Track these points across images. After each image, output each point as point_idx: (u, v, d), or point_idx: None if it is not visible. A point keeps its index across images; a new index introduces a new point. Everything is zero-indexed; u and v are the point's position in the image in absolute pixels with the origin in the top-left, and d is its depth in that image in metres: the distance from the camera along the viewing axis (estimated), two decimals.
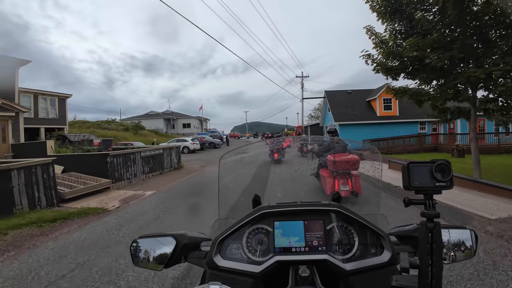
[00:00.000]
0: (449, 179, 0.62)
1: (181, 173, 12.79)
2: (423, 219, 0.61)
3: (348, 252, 0.88)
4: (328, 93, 25.78)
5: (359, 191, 2.51)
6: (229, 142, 37.29)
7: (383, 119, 23.12)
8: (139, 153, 11.25)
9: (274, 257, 0.85)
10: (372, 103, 24.19)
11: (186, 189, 9.04)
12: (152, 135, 38.60)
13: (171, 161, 13.87)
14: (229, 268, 0.85)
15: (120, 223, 5.28)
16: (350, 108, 23.93)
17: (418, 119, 23.68)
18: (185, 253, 0.92)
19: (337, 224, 0.92)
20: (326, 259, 0.82)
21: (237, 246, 0.92)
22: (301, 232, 0.90)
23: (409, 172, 0.64)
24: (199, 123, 55.90)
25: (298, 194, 1.86)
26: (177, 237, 0.90)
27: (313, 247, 0.88)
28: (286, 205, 0.95)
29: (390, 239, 0.89)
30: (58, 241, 4.43)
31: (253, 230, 0.93)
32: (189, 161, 17.86)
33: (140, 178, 10.93)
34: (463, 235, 0.86)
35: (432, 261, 0.58)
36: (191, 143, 25.33)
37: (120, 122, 42.03)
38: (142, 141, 29.82)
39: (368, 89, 26.21)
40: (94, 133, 29.90)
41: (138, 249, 0.90)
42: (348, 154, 2.61)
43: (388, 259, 0.84)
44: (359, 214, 0.93)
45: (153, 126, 45.30)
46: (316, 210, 0.94)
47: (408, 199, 0.65)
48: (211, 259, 0.87)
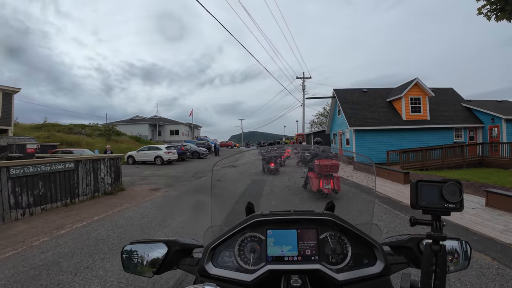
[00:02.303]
0: (459, 201, 0.60)
1: (105, 205, 7.38)
2: (424, 237, 0.63)
3: (341, 262, 0.87)
4: (339, 92, 20.64)
5: (339, 189, 2.65)
6: (219, 151, 31.89)
7: (410, 123, 17.95)
8: (7, 168, 5.89)
9: (266, 265, 0.84)
10: (396, 104, 19.06)
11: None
12: (132, 142, 33.37)
13: (96, 182, 8.50)
14: (221, 276, 0.84)
15: None
16: (367, 110, 18.78)
17: (453, 125, 18.57)
18: (177, 260, 0.91)
19: (330, 234, 0.91)
20: (318, 269, 0.82)
21: (229, 254, 0.90)
22: (294, 241, 0.89)
23: (417, 190, 0.62)
24: (189, 130, 50.65)
25: (291, 203, 1.85)
26: (169, 243, 0.89)
27: (305, 256, 0.87)
28: (279, 214, 0.94)
29: (383, 250, 0.87)
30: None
31: (245, 238, 0.92)
32: (146, 178, 12.48)
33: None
34: (457, 246, 0.85)
35: (434, 284, 0.57)
36: (165, 152, 19.97)
37: (97, 126, 36.77)
38: (114, 148, 24.59)
39: (387, 88, 21.13)
40: (53, 137, 25.07)
41: (129, 254, 0.88)
42: (331, 160, 2.67)
43: (381, 270, 0.83)
44: (352, 224, 0.91)
45: (138, 132, 40.16)
46: (309, 219, 0.92)
47: (414, 219, 0.64)
48: (203, 266, 0.86)
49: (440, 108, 19.44)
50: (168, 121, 48.71)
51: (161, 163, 19.84)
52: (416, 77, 18.47)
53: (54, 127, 31.96)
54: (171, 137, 45.14)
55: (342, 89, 20.97)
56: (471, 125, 18.86)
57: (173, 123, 48.30)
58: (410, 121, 18.04)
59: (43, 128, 30.20)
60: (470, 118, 19.18)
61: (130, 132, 39.04)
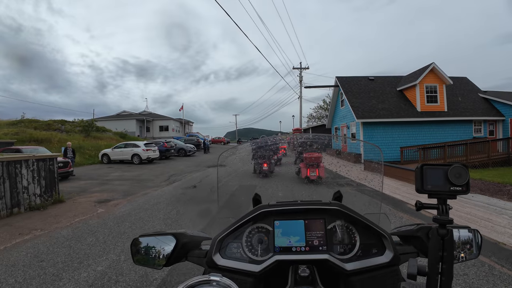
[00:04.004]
0: (465, 183, 0.59)
1: (7, 232, 4.82)
2: (435, 224, 0.59)
3: (349, 252, 0.86)
4: (342, 80, 18.11)
5: (323, 175, 2.91)
6: (209, 148, 29.27)
7: (425, 115, 15.54)
8: None
9: (274, 256, 0.83)
10: (408, 93, 16.61)
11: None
12: (115, 139, 30.60)
13: (14, 193, 5.90)
14: (229, 267, 0.83)
15: None
16: (375, 99, 16.31)
17: (472, 117, 16.24)
18: (185, 252, 0.90)
19: (338, 224, 0.90)
20: (326, 259, 0.81)
21: (237, 245, 0.90)
22: (302, 231, 0.88)
23: (422, 174, 0.61)
24: (180, 125, 47.84)
25: (298, 194, 1.90)
26: (178, 235, 0.88)
27: (313, 247, 0.86)
28: (286, 204, 0.92)
29: (392, 239, 0.86)
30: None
31: (253, 229, 0.91)
32: (107, 183, 9.91)
33: None
34: (468, 235, 0.83)
35: (442, 269, 0.56)
36: (144, 150, 17.33)
37: (79, 122, 33.88)
38: (91, 146, 21.88)
39: (396, 76, 18.69)
40: (23, 134, 22.47)
41: (139, 247, 0.88)
42: (316, 153, 2.92)
43: (390, 259, 0.81)
44: (360, 214, 0.90)
45: (124, 128, 37.39)
46: (316, 209, 0.91)
47: (420, 203, 0.63)
48: (211, 258, 0.85)
49: (455, 99, 17.09)
50: (157, 117, 45.88)
51: (139, 162, 17.22)
52: (433, 62, 16.03)
53: (32, 123, 29.63)
54: (161, 134, 42.34)
55: (346, 76, 18.41)
56: (491, 118, 16.54)
57: (162, 119, 45.47)
58: (425, 113, 15.62)
59: (19, 124, 27.92)
60: (489, 110, 16.86)
61: (115, 128, 36.26)
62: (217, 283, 0.58)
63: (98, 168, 15.17)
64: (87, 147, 21.28)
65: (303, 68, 30.27)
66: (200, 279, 0.58)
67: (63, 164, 11.30)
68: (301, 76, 30.01)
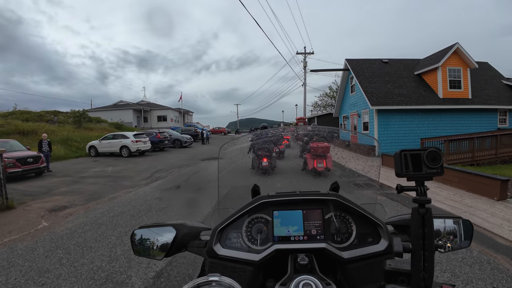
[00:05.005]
0: (439, 165, 0.62)
1: None
2: (415, 205, 0.63)
3: (346, 241, 0.88)
4: (352, 62, 16.16)
5: (331, 167, 2.58)
6: (208, 139, 27.68)
7: (448, 103, 13.74)
8: None
9: (274, 245, 0.84)
10: (428, 77, 14.74)
11: None
12: (109, 129, 29.07)
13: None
14: (229, 256, 0.84)
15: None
16: (391, 84, 14.48)
17: (497, 106, 14.43)
18: (185, 243, 0.91)
19: (335, 213, 0.91)
20: (324, 247, 0.82)
21: (237, 235, 0.91)
22: (300, 221, 0.89)
23: (401, 159, 0.64)
24: (179, 115, 46.17)
25: (296, 185, 1.86)
26: (177, 226, 0.90)
27: (311, 236, 0.87)
28: (285, 195, 0.94)
29: (387, 228, 0.88)
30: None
31: (252, 219, 0.92)
32: (80, 181, 8.44)
33: None
34: (459, 225, 0.87)
35: (424, 245, 0.60)
36: (133, 141, 15.79)
37: (72, 113, 32.34)
38: (80, 137, 20.39)
39: (413, 59, 16.76)
40: (8, 126, 21.07)
41: (139, 239, 0.89)
42: (324, 143, 2.63)
43: (385, 248, 0.84)
44: (357, 204, 0.92)
45: (120, 118, 35.85)
46: (314, 200, 0.93)
47: (400, 186, 0.66)
48: (211, 248, 0.86)
49: (478, 85, 15.22)
50: (155, 106, 44.21)
51: (128, 154, 15.71)
52: (456, 42, 14.12)
53: (23, 114, 28.47)
54: (159, 124, 40.79)
55: (357, 59, 16.50)
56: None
57: (160, 108, 43.79)
58: (448, 100, 13.80)
59: (10, 116, 26.73)
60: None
61: (111, 119, 34.74)
62: (217, 283, 0.58)
63: (81, 162, 13.69)
64: (75, 138, 19.79)
65: (307, 53, 28.27)
66: (199, 281, 0.58)
67: (33, 159, 9.79)
68: (305, 62, 28.03)
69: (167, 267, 3.05)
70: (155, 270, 3.01)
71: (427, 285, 0.59)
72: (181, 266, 3.07)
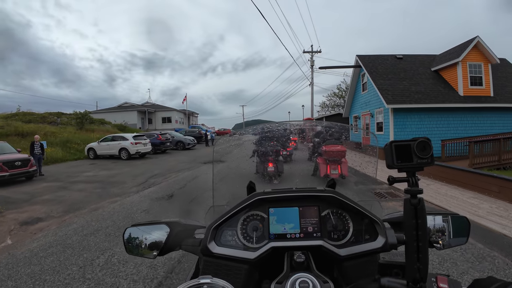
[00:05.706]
0: (429, 155, 0.62)
1: None
2: (407, 196, 0.63)
3: (342, 238, 0.87)
4: (364, 59, 15.19)
5: (346, 174, 2.59)
6: (213, 141, 26.89)
7: (469, 101, 12.65)
8: None
9: (269, 243, 0.83)
10: (446, 73, 13.68)
11: None
12: (113, 131, 28.56)
13: None
14: (224, 254, 0.82)
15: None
16: (407, 81, 13.45)
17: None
18: (179, 241, 0.89)
19: (332, 210, 0.90)
20: (321, 245, 0.81)
21: (232, 232, 0.89)
22: (296, 218, 0.88)
23: (391, 151, 0.63)
24: (183, 117, 45.62)
25: (293, 181, 1.76)
26: (171, 224, 0.88)
27: (308, 233, 0.86)
28: (281, 191, 0.92)
29: (384, 225, 0.87)
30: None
31: (247, 216, 0.90)
32: (69, 186, 7.71)
33: None
34: (457, 221, 0.87)
35: (417, 236, 0.60)
36: (132, 143, 15.09)
37: (74, 115, 32.06)
38: (80, 139, 19.82)
39: (428, 54, 15.69)
40: (8, 127, 20.69)
41: (132, 237, 0.87)
42: (338, 146, 2.62)
43: (382, 245, 0.83)
44: (354, 201, 0.91)
45: (124, 120, 35.47)
46: (311, 196, 0.91)
47: (392, 178, 0.65)
48: (206, 246, 0.83)
49: (499, 82, 14.08)
50: (160, 108, 43.75)
51: (127, 157, 15.02)
52: (477, 36, 13.05)
53: (26, 115, 28.40)
54: (163, 125, 40.27)
55: (369, 55, 15.50)
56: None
57: (165, 110, 43.30)
58: (469, 98, 12.73)
59: (13, 117, 26.39)
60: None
61: (114, 120, 34.37)
62: (208, 285, 0.57)
63: (77, 165, 13.02)
64: (75, 140, 19.22)
65: (315, 52, 27.31)
66: (190, 284, 0.57)
67: (21, 162, 9.11)
68: (312, 60, 27.08)
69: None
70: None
71: (422, 276, 0.57)
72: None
